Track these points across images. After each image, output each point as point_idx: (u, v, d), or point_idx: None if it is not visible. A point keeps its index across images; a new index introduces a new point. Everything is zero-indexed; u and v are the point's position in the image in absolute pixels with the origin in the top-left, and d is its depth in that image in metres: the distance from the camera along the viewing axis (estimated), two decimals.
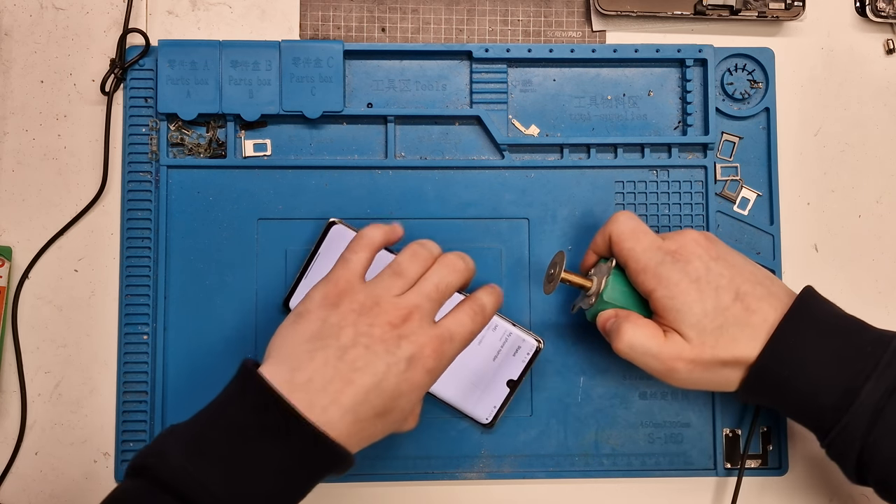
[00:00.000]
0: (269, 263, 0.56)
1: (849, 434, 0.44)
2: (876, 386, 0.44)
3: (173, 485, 0.40)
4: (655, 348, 0.47)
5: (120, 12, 0.57)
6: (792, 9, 0.57)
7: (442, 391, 0.54)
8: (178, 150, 0.56)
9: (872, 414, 0.43)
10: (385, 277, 0.47)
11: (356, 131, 0.57)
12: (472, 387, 0.54)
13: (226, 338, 0.55)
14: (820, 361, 0.45)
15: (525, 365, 0.54)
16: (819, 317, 0.47)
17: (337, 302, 0.45)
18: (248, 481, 0.41)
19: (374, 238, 0.48)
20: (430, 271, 0.47)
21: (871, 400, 0.43)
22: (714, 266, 0.47)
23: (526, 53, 0.57)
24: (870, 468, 0.45)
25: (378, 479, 0.55)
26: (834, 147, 0.59)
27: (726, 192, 0.57)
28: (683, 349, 0.47)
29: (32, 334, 0.55)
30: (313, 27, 0.58)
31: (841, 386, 0.44)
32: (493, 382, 0.54)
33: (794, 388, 0.46)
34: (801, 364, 0.45)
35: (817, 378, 0.45)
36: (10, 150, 0.56)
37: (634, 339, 0.47)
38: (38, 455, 0.55)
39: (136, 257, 0.55)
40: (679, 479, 0.56)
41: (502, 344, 0.54)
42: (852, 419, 0.44)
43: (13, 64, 0.57)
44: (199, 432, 0.43)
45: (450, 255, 0.48)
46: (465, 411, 0.55)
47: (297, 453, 0.42)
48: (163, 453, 0.42)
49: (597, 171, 0.57)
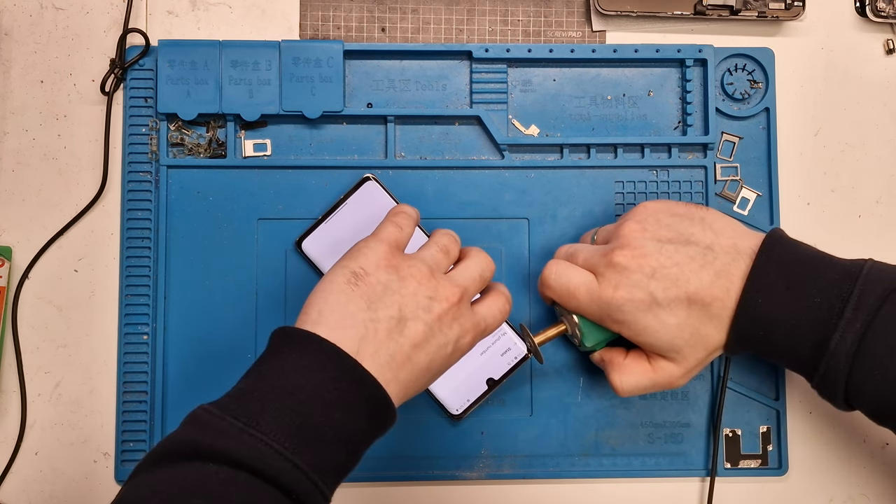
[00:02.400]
0: (269, 263, 0.56)
1: (830, 380, 0.45)
2: (844, 334, 0.44)
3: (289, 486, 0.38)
4: (649, 382, 0.49)
5: (120, 12, 0.57)
6: (792, 9, 0.57)
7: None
8: (178, 150, 0.56)
9: (848, 357, 0.44)
10: (435, 252, 0.47)
11: (356, 131, 0.57)
12: (451, 375, 0.52)
13: (226, 338, 0.55)
14: (790, 315, 0.45)
15: (510, 368, 0.54)
16: (782, 269, 0.46)
17: (398, 266, 0.44)
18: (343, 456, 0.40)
19: (415, 214, 0.49)
20: (471, 259, 0.47)
21: (844, 347, 0.44)
22: (655, 285, 0.47)
23: (526, 53, 0.57)
24: (857, 403, 0.45)
25: (378, 480, 0.55)
26: (834, 147, 0.59)
27: (726, 192, 0.57)
28: (672, 371, 0.49)
29: (32, 334, 0.55)
30: (313, 27, 0.58)
31: (813, 338, 0.45)
32: (473, 376, 0.54)
33: (771, 344, 0.46)
34: (772, 322, 0.46)
35: (790, 332, 0.45)
36: (10, 150, 0.56)
37: (626, 385, 0.49)
38: (38, 455, 0.55)
39: (136, 257, 0.55)
40: (679, 479, 0.56)
41: (494, 341, 0.54)
42: (829, 367, 0.44)
43: (13, 64, 0.57)
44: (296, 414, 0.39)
45: (480, 251, 0.49)
46: (437, 397, 0.54)
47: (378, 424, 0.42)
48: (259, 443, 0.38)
49: (597, 171, 0.57)
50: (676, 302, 0.47)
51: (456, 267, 0.47)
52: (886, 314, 0.43)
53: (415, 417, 0.55)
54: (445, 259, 0.47)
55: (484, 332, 0.47)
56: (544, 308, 0.56)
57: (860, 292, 0.44)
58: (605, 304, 0.48)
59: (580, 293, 0.49)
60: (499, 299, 0.48)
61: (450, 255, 0.47)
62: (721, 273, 0.47)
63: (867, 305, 0.44)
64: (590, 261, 0.49)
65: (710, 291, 0.46)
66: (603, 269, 0.48)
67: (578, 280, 0.49)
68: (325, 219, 0.55)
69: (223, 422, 0.39)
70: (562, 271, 0.50)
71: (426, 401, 0.55)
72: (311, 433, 0.39)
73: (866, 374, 0.44)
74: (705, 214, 0.49)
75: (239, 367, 0.54)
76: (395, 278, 0.43)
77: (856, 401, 0.45)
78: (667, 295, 0.47)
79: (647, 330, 0.47)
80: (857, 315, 0.44)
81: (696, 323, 0.47)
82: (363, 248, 0.45)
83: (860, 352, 0.43)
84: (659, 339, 0.47)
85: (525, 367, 0.55)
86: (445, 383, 0.54)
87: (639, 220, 0.49)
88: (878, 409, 0.45)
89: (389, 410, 0.42)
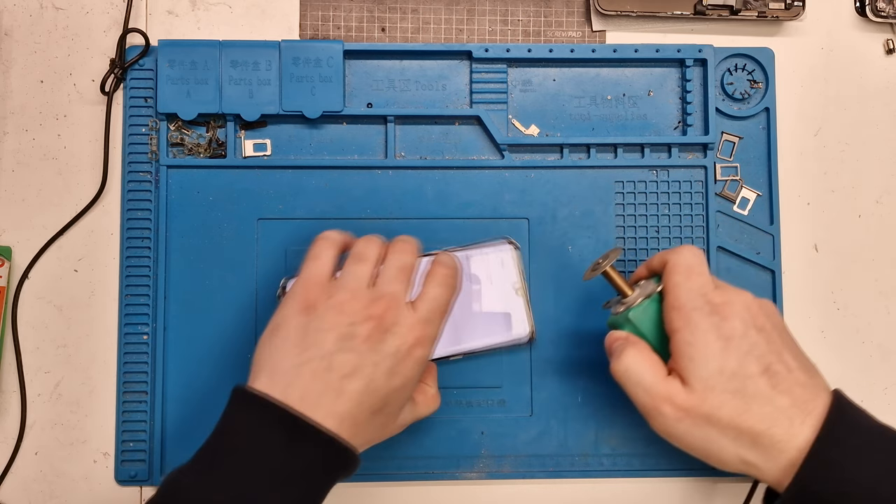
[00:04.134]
0: (269, 263, 0.56)
1: None
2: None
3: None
4: (649, 381, 0.45)
5: (120, 12, 0.57)
6: (792, 9, 0.57)
7: (468, 345, 0.53)
8: (178, 150, 0.56)
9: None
10: (351, 266, 0.46)
11: (356, 131, 0.57)
12: (487, 321, 0.53)
13: (226, 338, 0.55)
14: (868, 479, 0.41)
15: (517, 269, 0.54)
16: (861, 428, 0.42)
17: (314, 304, 0.45)
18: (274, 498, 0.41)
19: (335, 237, 0.49)
20: (388, 259, 0.47)
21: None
22: (753, 334, 0.44)
23: (526, 53, 0.57)
24: None
25: (378, 480, 0.55)
26: (834, 147, 0.59)
27: (726, 192, 0.57)
28: (679, 394, 0.44)
29: (32, 334, 0.55)
30: (313, 27, 0.58)
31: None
32: (501, 302, 0.54)
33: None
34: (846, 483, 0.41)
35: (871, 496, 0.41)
36: (10, 150, 0.56)
37: (632, 365, 0.45)
38: (38, 455, 0.55)
39: (136, 257, 0.55)
40: (679, 480, 0.56)
41: (481, 266, 0.54)
42: None
43: (13, 64, 0.57)
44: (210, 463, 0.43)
45: (396, 240, 0.48)
46: (501, 344, 0.54)
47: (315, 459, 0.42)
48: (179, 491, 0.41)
49: (597, 171, 0.57)
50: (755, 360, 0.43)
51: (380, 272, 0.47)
52: None
53: None
54: (364, 267, 0.46)
55: (431, 321, 0.46)
56: (546, 307, 0.56)
57: None
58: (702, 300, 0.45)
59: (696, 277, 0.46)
60: (432, 280, 0.47)
61: (368, 260, 0.47)
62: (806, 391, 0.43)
63: None
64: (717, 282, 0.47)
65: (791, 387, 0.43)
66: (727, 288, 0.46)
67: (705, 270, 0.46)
68: None
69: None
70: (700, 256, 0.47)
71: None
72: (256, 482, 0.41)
73: None
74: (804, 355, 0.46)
75: (239, 367, 0.55)
76: (314, 317, 0.44)
77: None
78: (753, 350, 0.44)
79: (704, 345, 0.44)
80: None
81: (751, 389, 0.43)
82: (284, 299, 0.46)
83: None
84: (706, 362, 0.43)
85: (525, 367, 0.55)
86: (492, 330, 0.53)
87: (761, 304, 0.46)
88: None
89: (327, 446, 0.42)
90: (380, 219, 0.56)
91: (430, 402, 0.50)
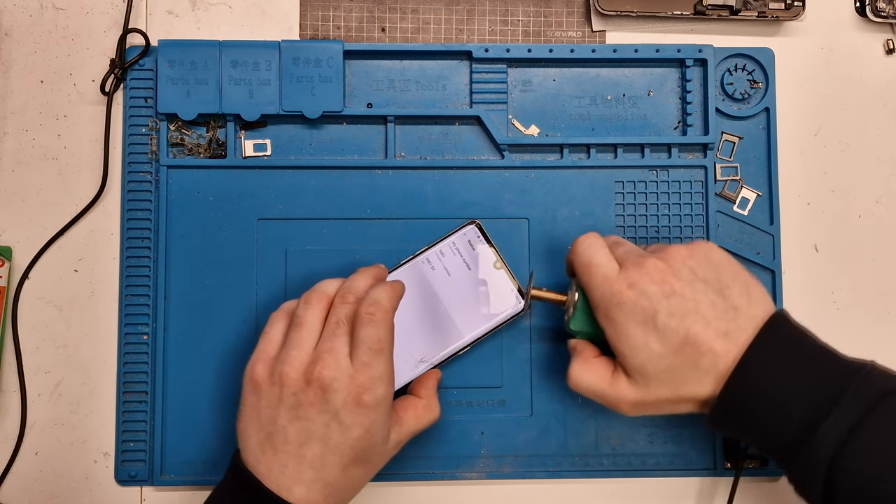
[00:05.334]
0: (269, 263, 0.56)
1: (810, 468, 0.43)
2: (837, 422, 0.42)
3: None
4: (599, 389, 0.48)
5: (120, 12, 0.57)
6: (792, 9, 0.57)
7: (469, 335, 0.54)
8: (178, 150, 0.56)
9: (833, 447, 0.42)
10: (291, 334, 0.48)
11: (356, 131, 0.57)
12: (476, 305, 0.54)
13: (226, 338, 0.55)
14: (785, 390, 0.44)
15: (487, 243, 0.54)
16: (786, 346, 0.45)
17: (259, 384, 0.47)
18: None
19: (288, 307, 0.50)
20: (330, 311, 0.48)
21: (832, 435, 0.42)
22: (665, 305, 0.45)
23: (526, 53, 0.57)
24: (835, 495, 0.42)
25: (378, 480, 0.55)
26: (834, 147, 0.59)
27: (726, 192, 0.57)
28: (627, 393, 0.47)
29: (32, 334, 0.55)
30: (313, 27, 0.58)
31: (803, 419, 0.43)
32: (485, 283, 0.54)
33: (757, 419, 0.44)
34: (764, 394, 0.44)
35: (781, 408, 0.43)
36: (10, 150, 0.56)
37: (580, 380, 0.48)
38: (38, 455, 0.55)
39: (136, 257, 0.55)
40: (679, 479, 0.56)
41: (454, 255, 0.54)
42: (812, 454, 0.42)
43: (13, 64, 0.57)
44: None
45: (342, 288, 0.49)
46: (498, 323, 0.54)
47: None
48: None
49: (597, 171, 0.57)
50: (672, 333, 0.45)
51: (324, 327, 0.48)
52: (881, 414, 0.42)
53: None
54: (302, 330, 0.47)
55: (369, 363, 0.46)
56: (544, 309, 0.56)
57: (860, 384, 0.43)
58: (609, 294, 0.46)
59: (597, 272, 0.47)
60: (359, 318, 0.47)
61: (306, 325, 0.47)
62: (730, 334, 0.45)
63: (865, 399, 0.42)
64: (625, 255, 0.48)
65: (711, 343, 0.45)
66: (630, 265, 0.47)
67: (603, 260, 0.48)
68: None
69: None
70: (595, 245, 0.49)
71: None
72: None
73: (847, 470, 0.42)
74: (752, 283, 0.47)
75: (239, 367, 0.54)
76: (261, 396, 0.46)
77: (835, 494, 0.42)
78: (668, 322, 0.45)
79: (628, 339, 0.46)
80: (853, 406, 0.42)
81: (678, 363, 0.45)
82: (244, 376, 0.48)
83: (847, 444, 0.42)
84: (634, 355, 0.46)
85: (525, 368, 0.55)
86: (482, 311, 0.54)
87: (690, 249, 0.47)
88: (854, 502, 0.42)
89: None
90: (380, 219, 0.56)
91: (421, 414, 0.50)
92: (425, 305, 0.54)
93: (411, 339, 0.53)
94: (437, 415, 0.51)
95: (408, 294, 0.53)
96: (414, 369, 0.53)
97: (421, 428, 0.50)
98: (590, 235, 0.49)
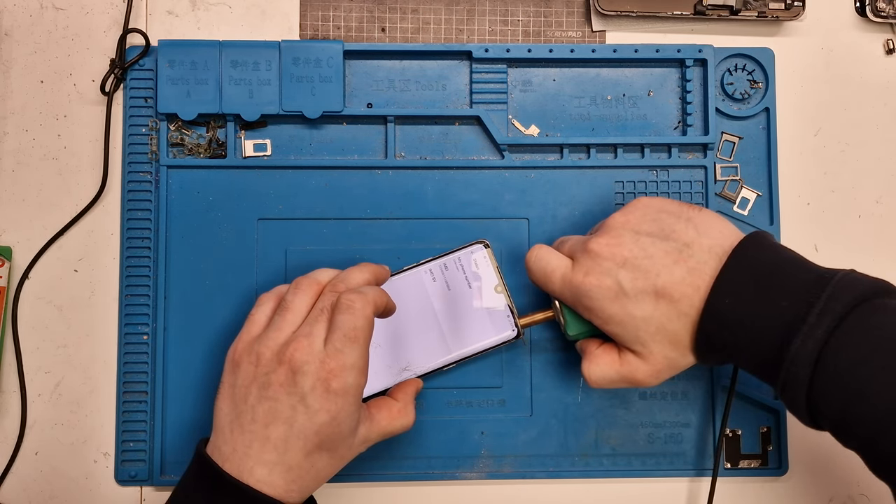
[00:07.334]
0: (269, 263, 0.56)
1: (791, 389, 0.42)
2: (806, 340, 0.41)
3: None
4: (615, 375, 0.48)
5: (120, 12, 0.57)
6: (792, 9, 0.57)
7: (457, 352, 0.53)
8: (178, 150, 0.56)
9: (809, 366, 0.41)
10: (274, 318, 0.48)
11: (356, 131, 0.57)
12: (472, 325, 0.54)
13: (226, 338, 0.55)
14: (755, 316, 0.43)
15: (491, 265, 0.54)
16: (752, 269, 0.44)
17: (238, 363, 0.47)
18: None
19: (279, 290, 0.50)
20: (318, 299, 0.48)
21: (804, 353, 0.41)
22: (625, 274, 0.46)
23: (526, 53, 0.57)
24: (820, 416, 0.42)
25: (378, 480, 0.55)
26: (834, 147, 0.59)
27: (726, 192, 0.57)
28: (638, 367, 0.47)
29: (32, 334, 0.55)
30: (313, 27, 0.58)
31: (776, 342, 0.42)
32: (484, 304, 0.54)
33: (737, 348, 0.44)
34: (737, 323, 0.44)
35: (754, 335, 0.43)
36: (10, 150, 0.56)
37: (595, 376, 0.49)
38: (38, 455, 0.55)
39: (136, 257, 0.55)
40: (679, 480, 0.56)
41: (458, 271, 0.54)
42: (790, 375, 0.42)
43: (13, 64, 0.57)
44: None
45: (336, 278, 0.49)
46: (490, 346, 0.54)
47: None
48: None
49: (597, 171, 0.57)
50: (643, 294, 0.46)
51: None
52: (853, 323, 0.41)
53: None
54: (288, 314, 0.47)
55: (342, 349, 0.45)
56: None
57: (828, 298, 0.42)
58: (575, 290, 0.48)
59: (555, 277, 0.49)
60: (339, 305, 0.46)
61: (291, 310, 0.47)
62: (693, 270, 0.45)
63: (833, 312, 0.41)
64: (572, 249, 0.49)
65: (679, 287, 0.45)
66: (579, 255, 0.48)
67: (555, 263, 0.49)
68: None
69: None
70: (542, 255, 0.50)
71: (426, 400, 0.55)
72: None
73: (826, 385, 0.41)
74: (694, 214, 0.48)
75: None
76: (238, 375, 0.46)
77: (819, 416, 0.42)
78: (634, 286, 0.46)
79: (613, 319, 0.47)
80: (822, 321, 0.41)
81: (662, 318, 0.46)
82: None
83: (821, 360, 0.41)
84: (625, 330, 0.47)
85: (525, 367, 0.55)
86: (477, 331, 0.54)
87: (625, 212, 0.48)
88: (837, 427, 0.42)
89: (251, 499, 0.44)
90: (380, 219, 0.56)
91: (395, 416, 0.49)
92: (420, 315, 0.53)
93: (400, 345, 0.53)
94: (410, 421, 0.50)
95: (404, 301, 0.53)
96: (397, 376, 0.53)
97: (392, 431, 0.49)
98: (534, 248, 0.51)
